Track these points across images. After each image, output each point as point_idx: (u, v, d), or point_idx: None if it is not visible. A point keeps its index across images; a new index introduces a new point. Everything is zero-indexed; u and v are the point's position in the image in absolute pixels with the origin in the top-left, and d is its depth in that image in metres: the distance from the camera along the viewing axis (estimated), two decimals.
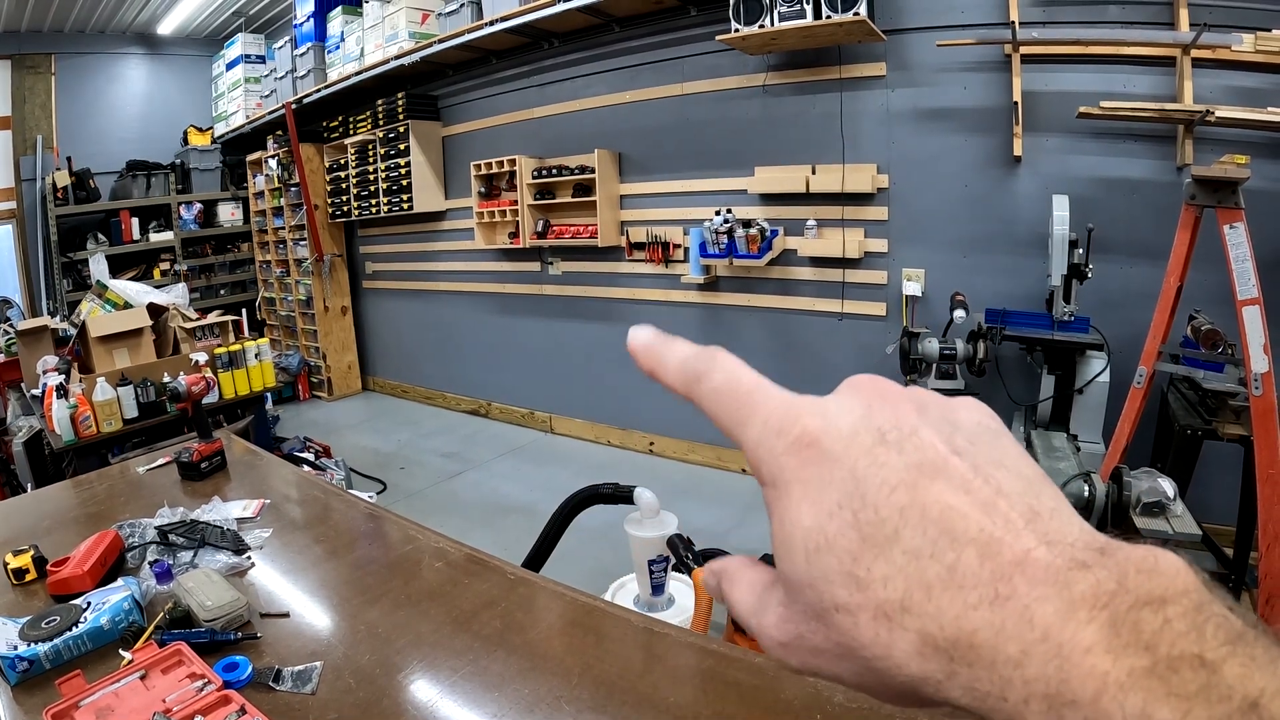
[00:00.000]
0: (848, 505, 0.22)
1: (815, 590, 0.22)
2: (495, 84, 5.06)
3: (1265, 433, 2.19)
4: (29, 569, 1.32)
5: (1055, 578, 0.19)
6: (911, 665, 0.20)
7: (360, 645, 1.11)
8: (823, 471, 0.23)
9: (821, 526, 0.22)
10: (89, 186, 6.33)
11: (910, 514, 0.21)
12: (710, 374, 0.27)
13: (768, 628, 0.25)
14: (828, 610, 0.22)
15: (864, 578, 0.21)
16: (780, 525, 0.24)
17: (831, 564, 0.22)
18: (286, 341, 6.87)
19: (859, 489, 0.22)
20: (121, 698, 0.97)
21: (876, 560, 0.21)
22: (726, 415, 0.26)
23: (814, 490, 0.22)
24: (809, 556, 0.22)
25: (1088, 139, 3.06)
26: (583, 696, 0.99)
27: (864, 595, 0.21)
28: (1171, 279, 2.37)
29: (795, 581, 0.23)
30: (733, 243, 3.73)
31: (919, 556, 0.20)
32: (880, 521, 0.21)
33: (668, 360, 0.28)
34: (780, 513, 0.24)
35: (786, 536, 0.23)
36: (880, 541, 0.21)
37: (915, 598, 0.20)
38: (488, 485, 4.35)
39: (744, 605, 0.26)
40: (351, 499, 1.75)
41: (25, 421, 3.51)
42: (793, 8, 3.21)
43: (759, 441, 0.25)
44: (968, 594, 0.19)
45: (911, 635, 0.20)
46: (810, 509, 0.22)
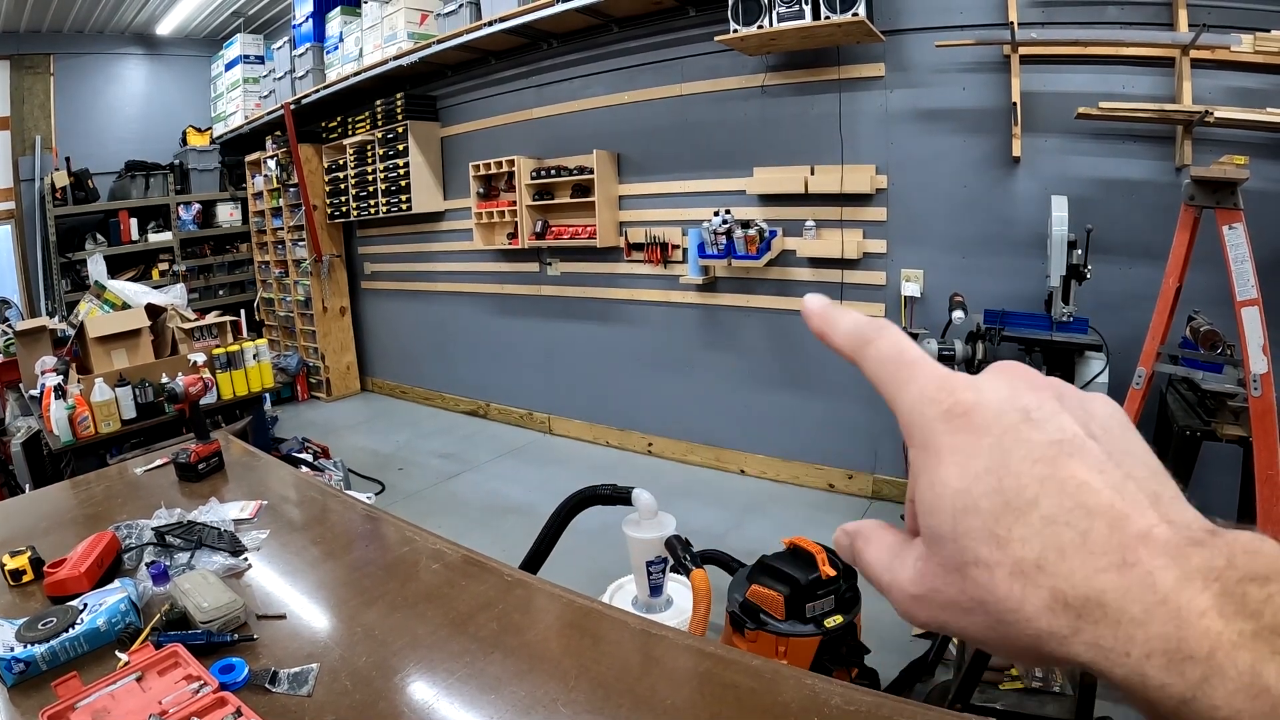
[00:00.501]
0: (994, 471, 0.24)
1: (958, 545, 0.24)
2: (494, 84, 5.06)
3: (1264, 434, 2.19)
4: (26, 570, 1.32)
5: (1174, 551, 0.21)
6: (1041, 620, 0.22)
7: (357, 647, 1.11)
8: (972, 440, 0.25)
9: (968, 488, 0.24)
10: (87, 187, 6.33)
11: (1049, 485, 0.23)
12: (879, 340, 0.29)
13: (903, 582, 0.27)
14: (968, 565, 0.24)
15: (1004, 537, 0.23)
16: (929, 485, 0.25)
17: (975, 523, 0.24)
18: (285, 342, 6.86)
19: (1004, 458, 0.24)
20: (118, 699, 0.97)
21: (1016, 523, 0.23)
22: (888, 378, 0.28)
23: (962, 456, 0.25)
24: (955, 515, 0.24)
25: (1087, 140, 3.06)
26: (579, 699, 0.98)
27: (1003, 553, 0.23)
28: (1170, 280, 2.37)
29: (939, 536, 0.25)
30: (731, 243, 3.73)
31: (1055, 523, 0.22)
32: (1022, 489, 0.23)
33: (840, 323, 0.31)
34: (930, 473, 0.25)
35: (935, 496, 0.25)
36: (1021, 506, 0.23)
37: (1050, 558, 0.22)
38: (486, 486, 4.35)
39: (878, 563, 0.29)
40: (349, 500, 1.75)
41: (23, 422, 3.50)
42: (791, 8, 3.21)
43: (914, 406, 0.27)
44: (1097, 559, 0.22)
45: (1044, 592, 0.22)
46: (959, 472, 0.24)
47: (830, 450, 3.96)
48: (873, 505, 3.76)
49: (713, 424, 4.36)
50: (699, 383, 4.40)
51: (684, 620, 1.66)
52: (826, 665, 1.77)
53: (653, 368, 4.59)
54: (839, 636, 1.80)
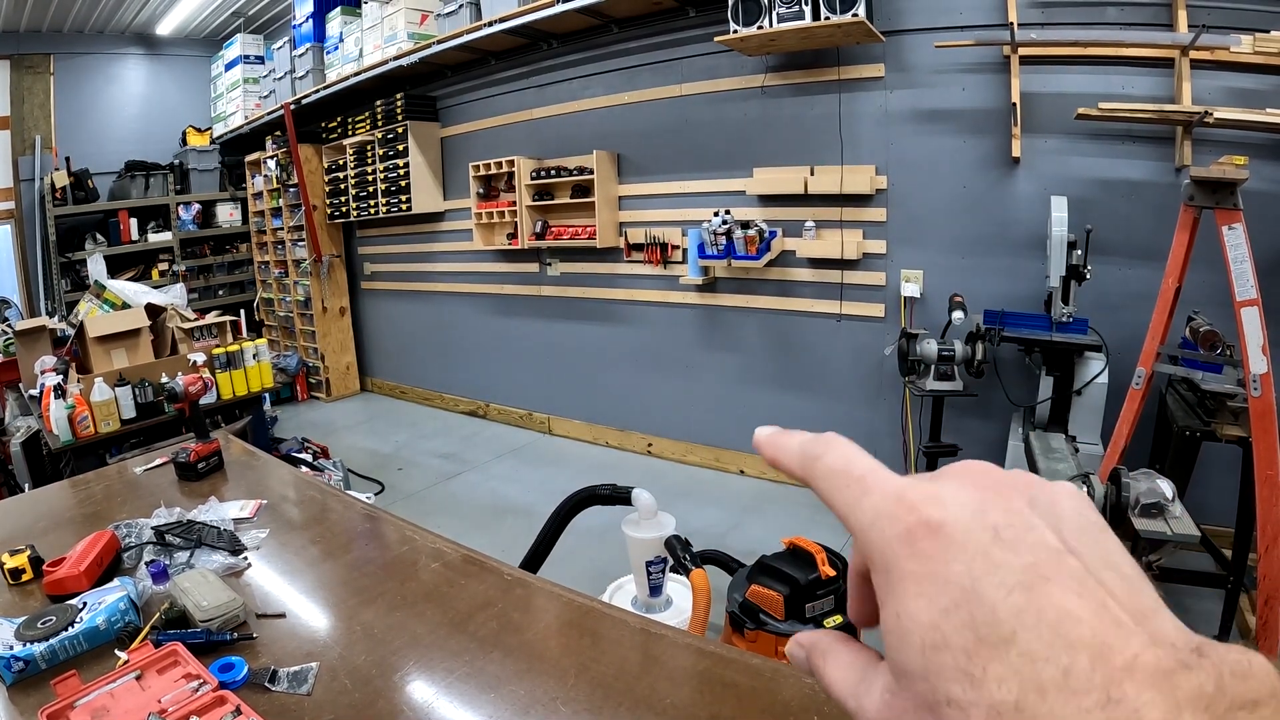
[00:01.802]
0: (965, 605, 0.22)
1: (929, 684, 0.23)
2: (494, 85, 5.06)
3: (1264, 434, 2.19)
4: (25, 569, 1.32)
5: (1162, 681, 0.20)
6: None
7: (356, 646, 1.11)
8: (938, 567, 0.23)
9: (937, 624, 0.23)
10: (87, 187, 6.32)
11: (1026, 617, 0.22)
12: (826, 455, 0.28)
13: (869, 711, 0.25)
14: (939, 704, 0.22)
15: (979, 677, 0.22)
16: (895, 618, 0.24)
17: (947, 660, 0.22)
18: (285, 342, 6.86)
19: (975, 588, 0.22)
20: (117, 698, 0.97)
21: (991, 661, 0.21)
22: (839, 495, 0.27)
23: (929, 585, 0.23)
24: (924, 651, 0.23)
25: (1086, 140, 3.06)
26: (579, 697, 0.98)
27: (978, 693, 0.21)
28: (1170, 280, 2.37)
29: (908, 672, 0.23)
30: (731, 244, 3.73)
31: (1034, 660, 0.21)
32: (997, 623, 0.22)
33: (787, 445, 0.30)
34: (895, 604, 0.24)
35: (902, 630, 0.24)
36: (996, 643, 0.22)
37: (1030, 700, 0.21)
38: (486, 486, 4.35)
39: (842, 685, 0.27)
40: (349, 499, 1.75)
41: (23, 422, 3.50)
42: (791, 9, 3.22)
43: (871, 524, 0.25)
44: (1080, 699, 0.20)
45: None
46: (926, 605, 0.23)
47: None
48: None
49: (712, 424, 4.36)
50: (698, 383, 4.40)
51: (684, 620, 1.66)
52: None
53: (652, 368, 4.59)
54: None
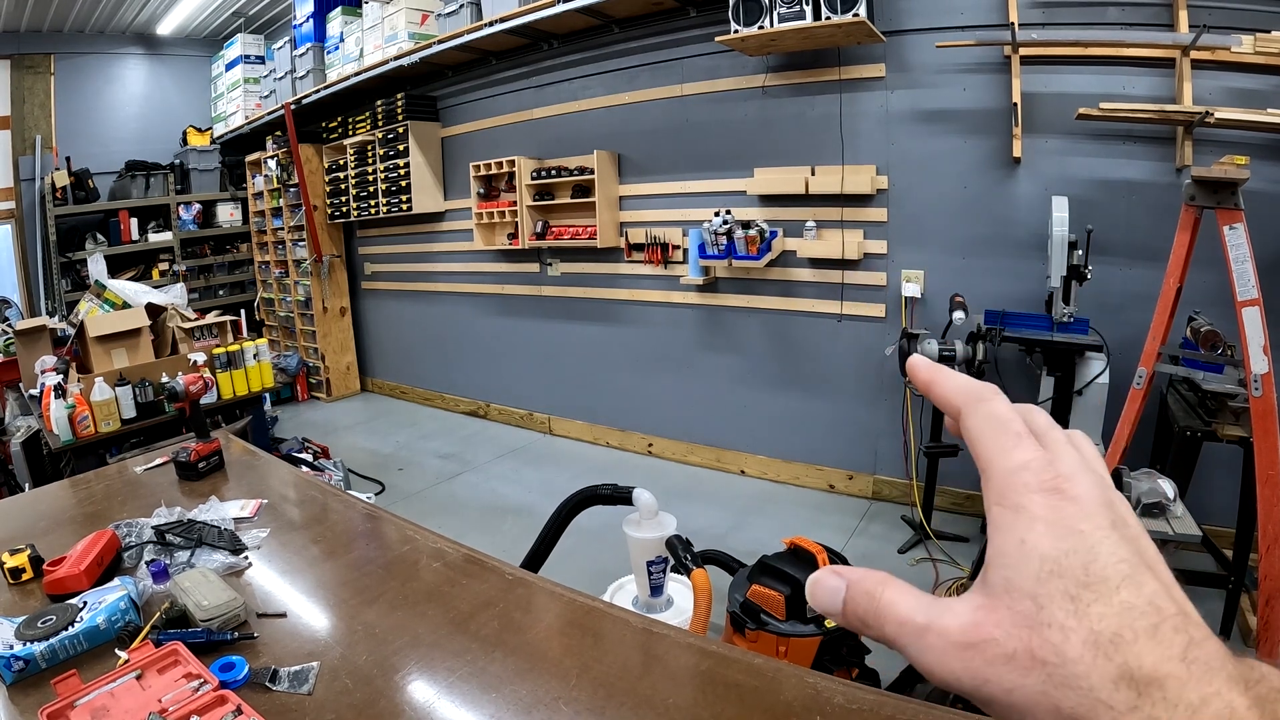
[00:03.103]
0: (1083, 554, 0.26)
1: (1037, 603, 0.26)
2: (494, 85, 5.06)
3: (1265, 434, 2.19)
4: (25, 568, 1.32)
5: (1221, 659, 0.24)
6: (1104, 690, 0.24)
7: (357, 646, 1.11)
8: (1068, 521, 0.27)
9: (1058, 558, 0.26)
10: (88, 186, 6.32)
11: (1129, 583, 0.25)
12: (994, 402, 0.31)
13: (951, 627, 0.27)
14: (1042, 624, 0.25)
15: (1084, 608, 0.25)
16: (1018, 543, 0.27)
17: (1059, 587, 0.26)
18: (285, 342, 6.86)
19: (1095, 548, 0.26)
20: (117, 697, 0.97)
21: (1097, 601, 0.25)
22: (993, 440, 0.30)
23: (1057, 530, 0.27)
24: (1040, 576, 0.26)
25: (1087, 140, 3.06)
26: (581, 697, 0.98)
27: (1080, 621, 0.25)
28: (1171, 280, 2.37)
29: (1016, 589, 0.26)
30: (732, 244, 3.72)
31: (1132, 610, 0.25)
32: (1105, 578, 0.25)
33: (950, 379, 0.33)
34: (1020, 532, 0.27)
35: (1023, 553, 0.27)
36: (1104, 591, 0.25)
37: (1125, 637, 0.24)
38: (486, 486, 4.35)
39: (910, 607, 0.29)
40: (349, 499, 1.75)
41: (23, 422, 3.50)
42: (792, 9, 3.21)
43: (1016, 472, 0.28)
44: (1165, 649, 0.24)
45: (1114, 666, 0.24)
46: (1052, 541, 0.26)
47: (830, 451, 3.96)
48: (872, 506, 3.76)
49: (713, 424, 4.36)
50: (699, 383, 4.40)
51: (685, 620, 1.66)
52: (827, 665, 1.77)
53: (653, 368, 4.59)
54: (840, 637, 1.80)
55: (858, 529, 3.53)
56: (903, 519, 3.47)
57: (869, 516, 3.65)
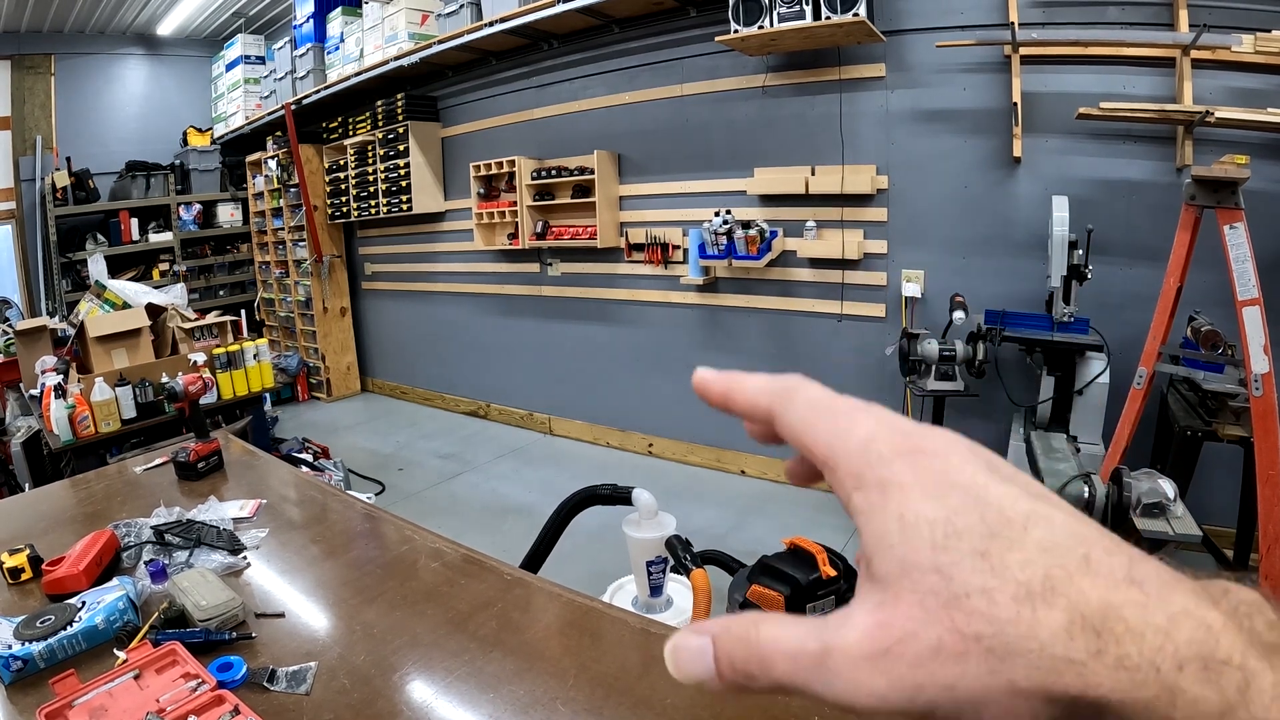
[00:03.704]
0: (973, 508, 0.22)
1: (943, 575, 0.22)
2: (494, 85, 5.06)
3: (1265, 434, 2.19)
4: (24, 568, 1.32)
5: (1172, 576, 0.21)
6: (1058, 644, 0.20)
7: (356, 645, 1.11)
8: (941, 478, 0.23)
9: (949, 518, 0.22)
10: (88, 187, 6.33)
11: (1036, 519, 0.22)
12: (808, 388, 0.28)
13: (853, 641, 0.23)
14: (959, 595, 0.21)
15: (999, 564, 0.21)
16: (899, 519, 0.23)
17: (963, 549, 0.22)
18: (285, 342, 6.86)
19: (982, 496, 0.23)
20: (115, 697, 0.97)
21: (1009, 550, 0.21)
22: (823, 424, 0.26)
23: (934, 490, 0.23)
24: (936, 544, 0.22)
25: (1087, 140, 3.06)
26: (579, 697, 0.98)
27: (1001, 578, 0.21)
28: (1171, 280, 2.36)
29: (914, 567, 0.22)
30: (732, 244, 3.72)
31: (1053, 549, 0.21)
32: (1008, 521, 0.22)
33: (748, 383, 0.29)
34: (897, 507, 0.23)
35: (907, 528, 0.23)
36: (1011, 537, 0.22)
37: (1057, 577, 0.21)
38: (486, 486, 4.35)
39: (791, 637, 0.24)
40: (349, 499, 1.75)
41: (24, 422, 3.50)
42: (792, 9, 3.21)
43: (866, 446, 0.25)
44: (1106, 576, 0.21)
45: (1059, 613, 0.20)
46: (934, 504, 0.23)
47: None
48: None
49: (713, 424, 4.35)
50: None
51: (684, 620, 1.66)
52: None
53: (653, 368, 4.59)
54: None
55: (858, 530, 3.52)
56: None
57: None
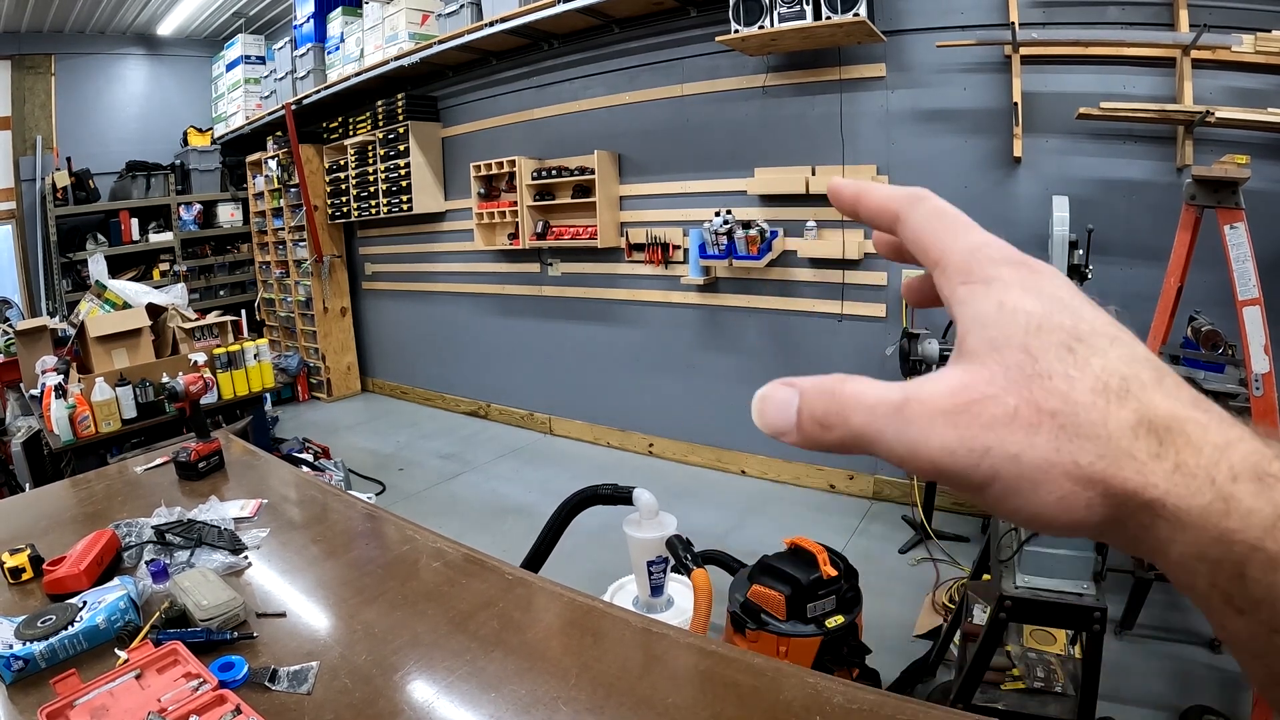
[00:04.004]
0: (1068, 314, 0.24)
1: (1031, 355, 0.23)
2: (495, 85, 5.06)
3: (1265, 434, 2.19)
4: (25, 568, 1.32)
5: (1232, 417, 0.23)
6: (1123, 439, 0.22)
7: (357, 645, 1.11)
8: (1042, 285, 0.25)
9: (1046, 312, 0.24)
10: (88, 187, 6.33)
11: (1121, 341, 0.24)
12: (932, 199, 0.29)
13: (934, 393, 0.24)
14: (1041, 374, 0.23)
15: (1082, 360, 0.23)
16: (997, 306, 0.25)
17: (1052, 339, 0.23)
18: (285, 342, 6.86)
19: (1079, 311, 0.24)
20: (116, 697, 0.97)
21: (1093, 355, 0.23)
22: (944, 228, 0.28)
23: (1034, 291, 0.25)
24: (1029, 330, 0.24)
25: (1087, 140, 3.06)
26: (580, 697, 0.98)
27: (1083, 371, 0.23)
28: (1171, 279, 2.36)
29: (1006, 345, 0.24)
30: (732, 244, 3.72)
31: (1134, 362, 0.23)
32: (1095, 332, 0.24)
33: (876, 188, 0.30)
34: (998, 296, 0.25)
35: (1004, 312, 0.24)
36: (1097, 345, 0.23)
37: (1133, 386, 0.22)
38: (487, 486, 4.35)
39: (875, 389, 0.25)
40: (349, 499, 1.75)
41: (24, 422, 3.50)
42: (792, 9, 3.21)
43: (978, 249, 0.26)
44: (1177, 396, 0.23)
45: (1129, 412, 0.22)
46: (1033, 300, 0.24)
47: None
48: (873, 505, 3.75)
49: (713, 424, 4.36)
50: (700, 383, 4.39)
51: (685, 620, 1.66)
52: (828, 665, 1.77)
53: (653, 368, 4.59)
54: (840, 637, 1.80)
55: (858, 529, 3.52)
56: (903, 519, 3.47)
57: (870, 516, 3.65)
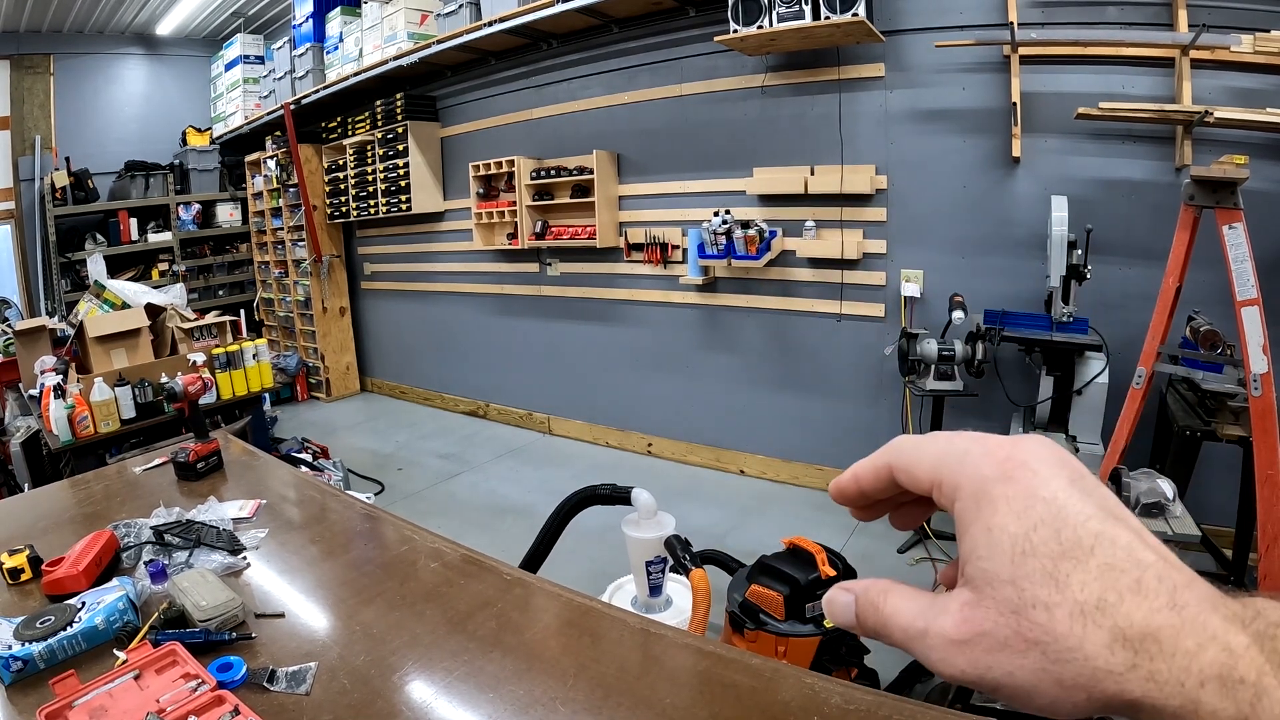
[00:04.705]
0: (1050, 523, 0.26)
1: (1016, 587, 0.26)
2: (494, 85, 5.06)
3: (1264, 433, 2.19)
4: (24, 569, 1.32)
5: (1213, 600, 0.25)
6: (1100, 658, 0.24)
7: (355, 646, 1.11)
8: (1028, 492, 0.27)
9: (1027, 535, 0.26)
10: (87, 187, 6.32)
11: (1103, 540, 0.26)
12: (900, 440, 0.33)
13: (945, 628, 0.28)
14: (1026, 606, 0.26)
15: (1063, 581, 0.25)
16: (986, 530, 0.27)
17: (1034, 566, 0.26)
18: (284, 342, 6.86)
19: (1060, 513, 0.26)
20: (115, 698, 0.97)
21: (1075, 569, 0.25)
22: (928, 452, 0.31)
23: (1019, 506, 0.27)
24: (1014, 558, 0.26)
25: (1086, 140, 3.06)
26: (578, 697, 0.98)
27: (1062, 595, 0.25)
28: (1170, 279, 2.37)
29: (995, 579, 0.27)
30: (731, 244, 3.72)
31: (1112, 570, 0.25)
32: (1079, 540, 0.26)
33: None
34: (985, 520, 0.28)
35: (992, 540, 0.27)
36: (1078, 556, 0.25)
37: (1109, 600, 0.25)
38: (486, 486, 4.35)
39: (908, 613, 0.30)
40: (348, 499, 1.75)
41: (23, 422, 3.50)
42: (791, 9, 3.21)
43: (963, 463, 0.29)
44: (1151, 601, 0.24)
45: (1104, 631, 0.24)
46: (1017, 520, 0.27)
47: (830, 450, 3.95)
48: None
49: (712, 424, 4.36)
50: (699, 383, 4.40)
51: (683, 620, 1.66)
52: (826, 665, 1.77)
53: (652, 368, 4.59)
54: (839, 637, 1.80)
55: (857, 528, 3.52)
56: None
57: None
